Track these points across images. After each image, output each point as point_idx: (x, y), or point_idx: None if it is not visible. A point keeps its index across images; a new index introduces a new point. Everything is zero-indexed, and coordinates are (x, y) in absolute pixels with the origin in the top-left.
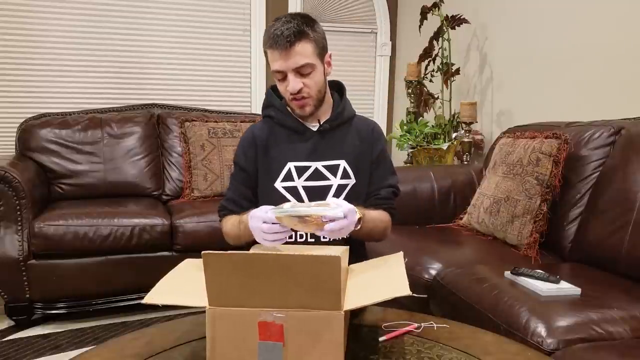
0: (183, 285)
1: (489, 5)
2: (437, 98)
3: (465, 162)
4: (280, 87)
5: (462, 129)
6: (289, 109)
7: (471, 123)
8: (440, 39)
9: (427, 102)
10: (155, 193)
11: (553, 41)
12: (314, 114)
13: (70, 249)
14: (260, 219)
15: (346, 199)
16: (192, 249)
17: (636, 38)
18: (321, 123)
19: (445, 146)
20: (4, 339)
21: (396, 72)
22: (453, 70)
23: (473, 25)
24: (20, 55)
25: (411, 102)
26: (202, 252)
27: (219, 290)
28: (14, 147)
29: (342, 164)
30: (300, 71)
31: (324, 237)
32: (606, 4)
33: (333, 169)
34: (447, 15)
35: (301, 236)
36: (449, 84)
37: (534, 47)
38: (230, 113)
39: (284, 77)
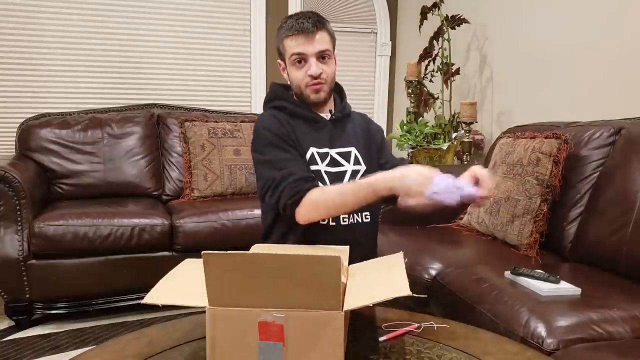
0: (183, 285)
1: (489, 5)
2: (437, 98)
3: (465, 162)
4: (298, 74)
5: (462, 129)
6: (298, 99)
7: (471, 123)
8: (440, 39)
9: (427, 102)
10: (155, 193)
11: (553, 41)
12: (326, 102)
13: (70, 249)
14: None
15: None
16: (192, 249)
17: (636, 38)
18: (332, 113)
19: (445, 146)
20: (4, 339)
21: (396, 72)
22: (453, 70)
23: (473, 25)
24: (20, 55)
25: (411, 102)
26: (202, 252)
27: (219, 290)
28: (14, 147)
29: (353, 151)
30: (321, 56)
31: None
32: (606, 4)
33: (346, 156)
34: (447, 15)
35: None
36: (449, 84)
37: (534, 47)
38: (230, 113)
39: (304, 61)
